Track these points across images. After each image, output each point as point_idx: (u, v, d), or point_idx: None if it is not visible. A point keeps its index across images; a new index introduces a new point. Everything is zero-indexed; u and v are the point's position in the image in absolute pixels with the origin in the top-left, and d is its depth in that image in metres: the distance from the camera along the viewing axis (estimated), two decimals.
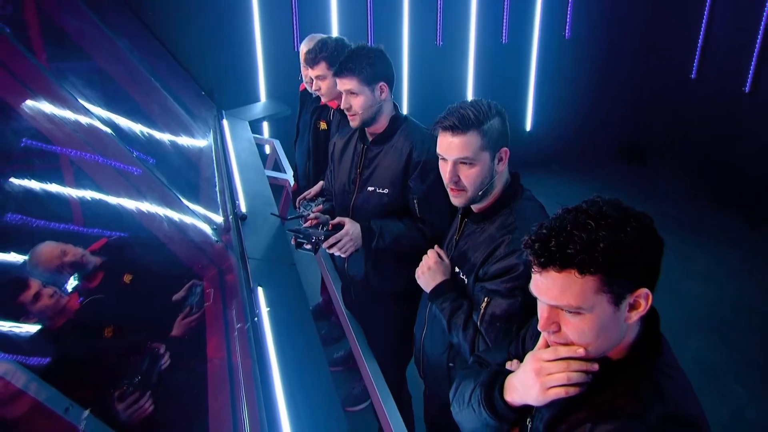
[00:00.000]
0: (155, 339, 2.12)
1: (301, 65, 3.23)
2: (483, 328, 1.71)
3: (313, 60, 2.80)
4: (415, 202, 2.30)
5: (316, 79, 2.87)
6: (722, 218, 5.69)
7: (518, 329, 1.63)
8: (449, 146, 1.73)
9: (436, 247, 1.96)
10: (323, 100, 3.01)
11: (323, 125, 3.21)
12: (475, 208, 1.84)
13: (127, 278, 2.41)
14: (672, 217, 5.57)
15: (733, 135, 5.79)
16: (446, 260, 1.91)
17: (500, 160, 1.76)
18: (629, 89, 6.93)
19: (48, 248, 2.25)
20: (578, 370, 1.13)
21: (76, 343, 2.13)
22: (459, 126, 1.69)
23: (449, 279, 1.87)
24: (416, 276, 1.94)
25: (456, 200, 1.81)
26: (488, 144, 1.71)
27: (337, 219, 2.35)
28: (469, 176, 1.74)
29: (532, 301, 1.20)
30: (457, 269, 1.88)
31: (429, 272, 1.89)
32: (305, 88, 3.43)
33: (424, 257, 1.94)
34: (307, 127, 3.34)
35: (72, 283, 2.26)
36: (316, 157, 3.30)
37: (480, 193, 1.76)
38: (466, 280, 1.82)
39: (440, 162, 1.80)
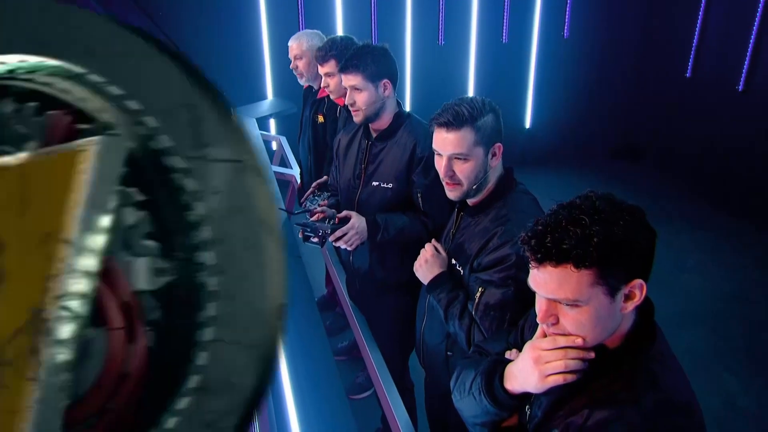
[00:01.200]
0: None
1: (291, 58, 3.33)
2: (477, 318, 1.73)
3: (323, 57, 2.80)
4: (418, 196, 2.32)
5: (325, 77, 2.86)
6: (715, 214, 5.73)
7: (512, 318, 1.67)
8: (444, 142, 1.75)
9: (433, 240, 1.98)
10: (332, 96, 3.01)
11: (320, 119, 3.24)
12: (470, 201, 1.86)
13: None
14: (666, 213, 5.60)
15: (725, 133, 5.84)
16: (443, 253, 1.93)
17: (494, 155, 1.78)
18: (626, 88, 6.97)
19: None
20: (575, 358, 1.15)
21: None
22: (453, 122, 1.72)
23: (446, 271, 1.89)
24: (414, 268, 1.96)
25: (451, 194, 1.83)
26: (482, 140, 1.74)
27: (344, 213, 2.37)
28: (463, 171, 1.76)
29: (525, 291, 1.21)
30: (453, 261, 1.90)
31: (426, 265, 1.91)
32: (309, 86, 3.48)
33: (422, 250, 1.96)
34: (308, 122, 3.38)
35: None
36: (316, 150, 3.33)
37: (474, 187, 1.79)
38: (462, 271, 1.84)
39: (436, 157, 1.83)
